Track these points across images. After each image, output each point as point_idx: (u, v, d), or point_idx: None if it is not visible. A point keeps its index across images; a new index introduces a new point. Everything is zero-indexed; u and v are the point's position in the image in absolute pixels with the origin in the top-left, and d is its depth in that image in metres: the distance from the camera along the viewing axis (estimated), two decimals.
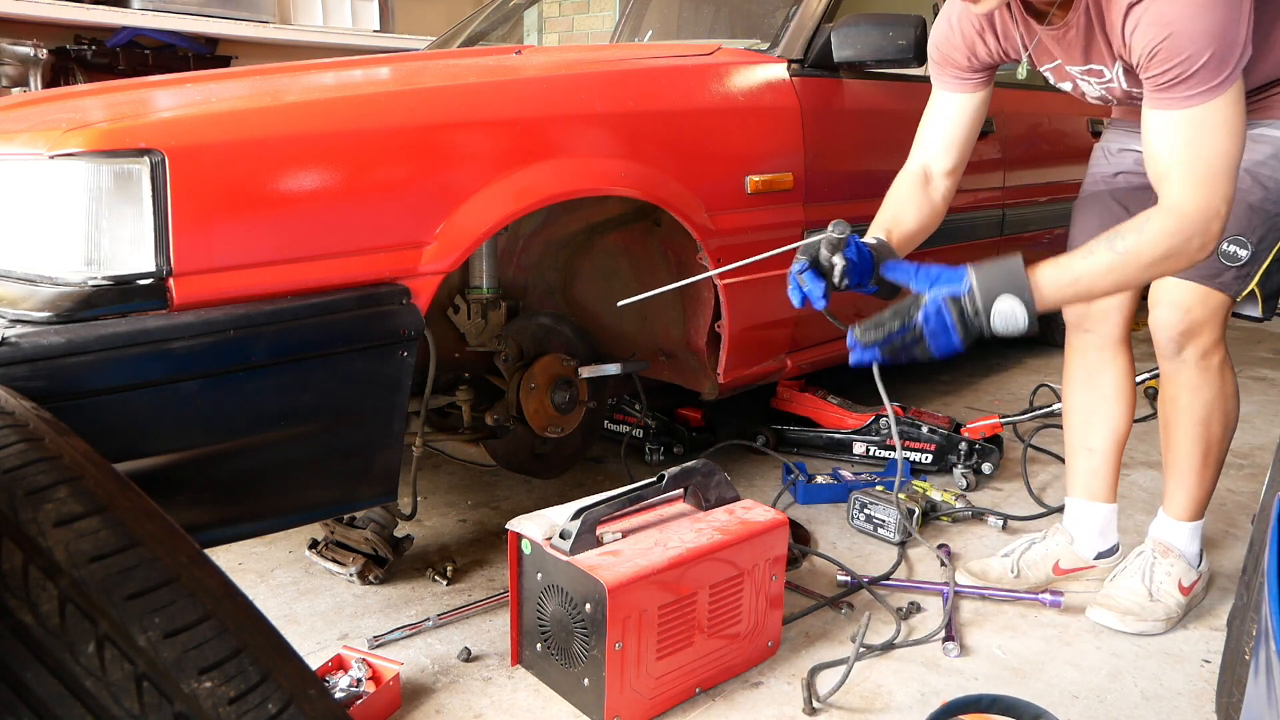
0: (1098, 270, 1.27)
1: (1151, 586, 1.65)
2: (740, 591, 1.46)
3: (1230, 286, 1.51)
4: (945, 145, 1.61)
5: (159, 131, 1.22)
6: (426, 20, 5.04)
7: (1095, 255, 1.28)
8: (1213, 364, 1.56)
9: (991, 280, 1.24)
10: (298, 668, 0.79)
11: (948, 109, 1.61)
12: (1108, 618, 1.64)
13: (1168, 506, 1.70)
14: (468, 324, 1.84)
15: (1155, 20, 1.25)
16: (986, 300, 1.24)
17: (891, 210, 1.57)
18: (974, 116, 1.61)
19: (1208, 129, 1.26)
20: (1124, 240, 1.27)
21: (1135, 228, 1.27)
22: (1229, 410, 1.61)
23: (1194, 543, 1.70)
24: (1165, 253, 1.27)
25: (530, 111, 1.60)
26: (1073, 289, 1.29)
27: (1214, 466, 1.65)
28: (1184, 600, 1.66)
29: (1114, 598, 1.66)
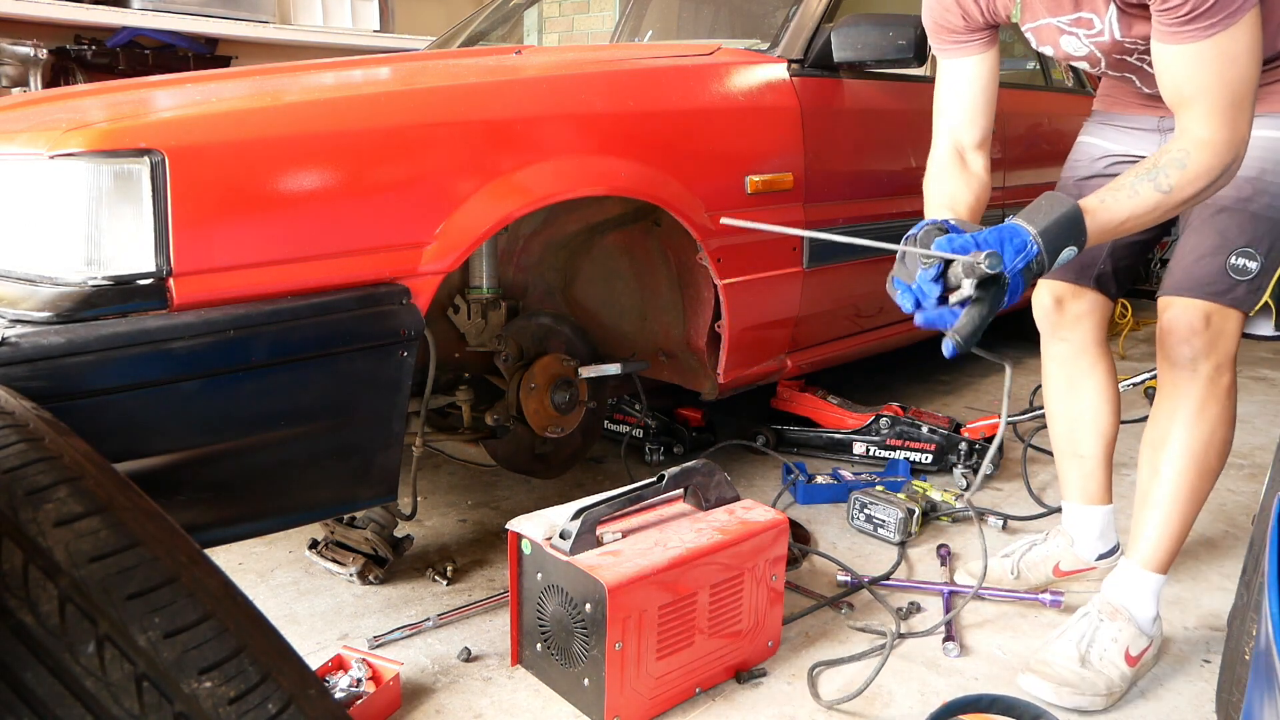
0: (1145, 208, 1.26)
1: (1089, 654, 1.46)
2: (740, 591, 1.46)
3: (1243, 301, 1.43)
4: (969, 116, 1.54)
5: (159, 131, 1.22)
6: (426, 20, 5.04)
7: (1141, 194, 1.26)
8: (1222, 384, 1.45)
9: (1056, 238, 1.21)
10: (298, 668, 0.79)
11: (960, 77, 1.55)
12: (1040, 687, 1.43)
13: (1134, 550, 1.51)
14: (468, 324, 1.84)
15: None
16: (1052, 257, 1.22)
17: (944, 198, 1.49)
18: (988, 79, 1.54)
19: (1230, 57, 1.23)
20: (1167, 177, 1.25)
21: (1176, 163, 1.25)
22: (1228, 439, 1.47)
23: (1152, 603, 1.52)
24: (1205, 186, 1.27)
25: (530, 111, 1.60)
26: (1120, 229, 1.28)
27: (1198, 505, 1.48)
28: (1130, 672, 1.47)
29: (1048, 664, 1.47)
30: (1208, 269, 1.43)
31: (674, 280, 2.03)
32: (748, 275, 1.96)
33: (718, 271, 1.89)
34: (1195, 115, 1.26)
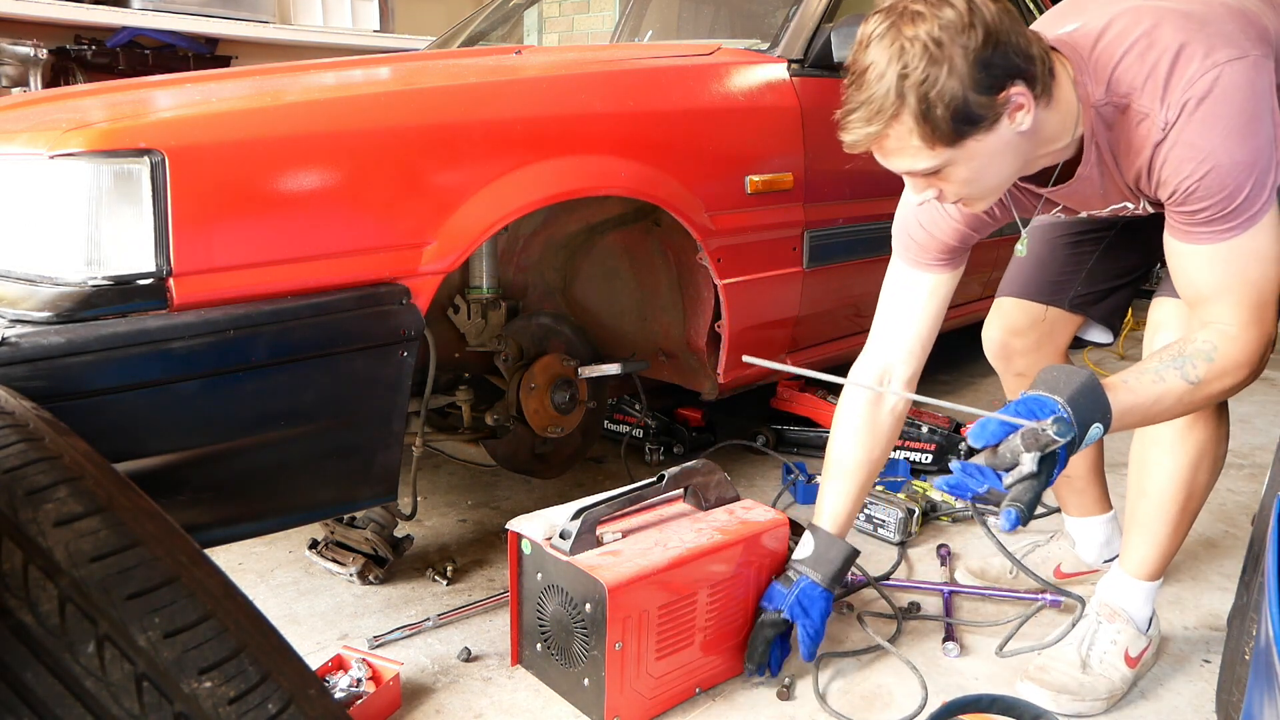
0: (1170, 397, 1.19)
1: (1090, 657, 1.45)
2: (740, 591, 1.46)
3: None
4: (911, 345, 1.48)
5: (159, 131, 1.22)
6: (426, 20, 5.04)
7: (1167, 382, 1.19)
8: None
9: (1086, 412, 1.13)
10: (298, 668, 0.79)
11: (916, 291, 1.46)
12: (1039, 695, 1.41)
13: (1126, 561, 1.49)
14: (468, 324, 1.84)
15: (1188, 155, 1.15)
16: (1083, 433, 1.13)
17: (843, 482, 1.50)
18: (945, 298, 1.47)
19: (1250, 258, 1.18)
20: (1195, 368, 1.19)
21: (1204, 355, 1.19)
22: (1219, 457, 1.42)
23: (1147, 605, 1.49)
24: (1231, 385, 1.22)
25: (530, 111, 1.60)
26: (1144, 414, 1.21)
27: (1189, 520, 1.45)
28: (1130, 673, 1.46)
29: (1046, 671, 1.45)
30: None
31: (674, 280, 2.03)
32: (748, 275, 1.96)
33: (718, 271, 1.89)
34: (1218, 309, 1.21)
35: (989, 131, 1.12)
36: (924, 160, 1.14)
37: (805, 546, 1.48)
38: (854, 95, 1.12)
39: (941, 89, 1.07)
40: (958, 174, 1.16)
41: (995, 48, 1.08)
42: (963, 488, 1.12)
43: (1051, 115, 1.18)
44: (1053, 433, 1.09)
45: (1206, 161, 1.14)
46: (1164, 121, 1.15)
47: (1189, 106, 1.14)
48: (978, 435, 1.13)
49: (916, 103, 1.08)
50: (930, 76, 1.07)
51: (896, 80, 1.07)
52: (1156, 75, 1.15)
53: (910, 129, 1.10)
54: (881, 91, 1.09)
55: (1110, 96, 1.19)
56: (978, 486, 1.12)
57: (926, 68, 1.06)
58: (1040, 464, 1.10)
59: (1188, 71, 1.14)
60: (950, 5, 1.07)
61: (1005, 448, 1.12)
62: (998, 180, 1.20)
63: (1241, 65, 1.13)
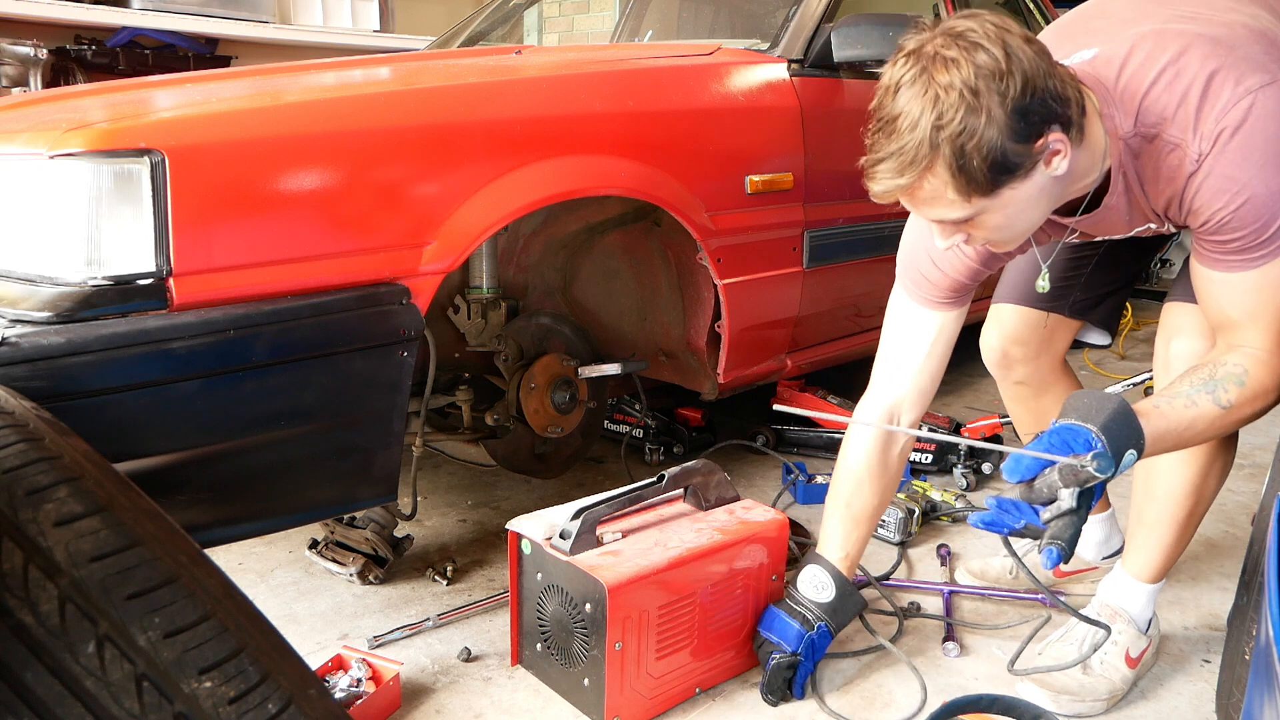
0: (1202, 421, 1.17)
1: (1090, 658, 1.44)
2: (740, 591, 1.46)
3: None
4: (921, 385, 1.44)
5: (159, 131, 1.22)
6: (426, 20, 5.04)
7: (1200, 406, 1.17)
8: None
9: (1119, 440, 1.10)
10: (298, 668, 0.79)
11: (928, 330, 1.42)
12: (1039, 695, 1.41)
13: (1129, 563, 1.48)
14: (468, 324, 1.84)
15: (1224, 186, 1.12)
16: (1117, 459, 1.10)
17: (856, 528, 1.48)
18: (954, 334, 1.43)
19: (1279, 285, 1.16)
20: (1226, 393, 1.17)
21: (1235, 379, 1.17)
22: (1227, 463, 1.40)
23: (1149, 607, 1.49)
24: (1262, 408, 1.20)
25: (530, 111, 1.60)
26: (1176, 439, 1.18)
27: (1195, 525, 1.44)
28: (1130, 674, 1.45)
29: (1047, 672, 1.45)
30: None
31: (674, 280, 2.03)
32: (748, 275, 1.96)
33: (718, 271, 1.89)
34: (1248, 334, 1.19)
35: (1025, 179, 1.08)
36: (957, 211, 1.10)
37: (824, 589, 1.45)
38: (883, 144, 1.08)
39: (980, 140, 1.03)
40: (990, 221, 1.13)
41: (1033, 95, 1.04)
42: (999, 524, 1.10)
43: (1083, 154, 1.15)
44: (1093, 469, 1.06)
45: (1242, 193, 1.11)
46: (1198, 153, 1.13)
47: (1224, 137, 1.11)
48: (1012, 470, 1.10)
49: (952, 154, 1.04)
50: (968, 127, 1.02)
51: (931, 131, 1.03)
52: (1187, 105, 1.12)
53: (945, 181, 1.06)
54: (915, 142, 1.04)
55: (1139, 128, 1.16)
56: (1014, 523, 1.09)
57: (964, 118, 1.02)
58: (1079, 498, 1.08)
59: (1220, 100, 1.11)
60: (984, 49, 1.03)
61: (1042, 482, 1.09)
62: (1029, 224, 1.18)
63: (1273, 91, 1.11)
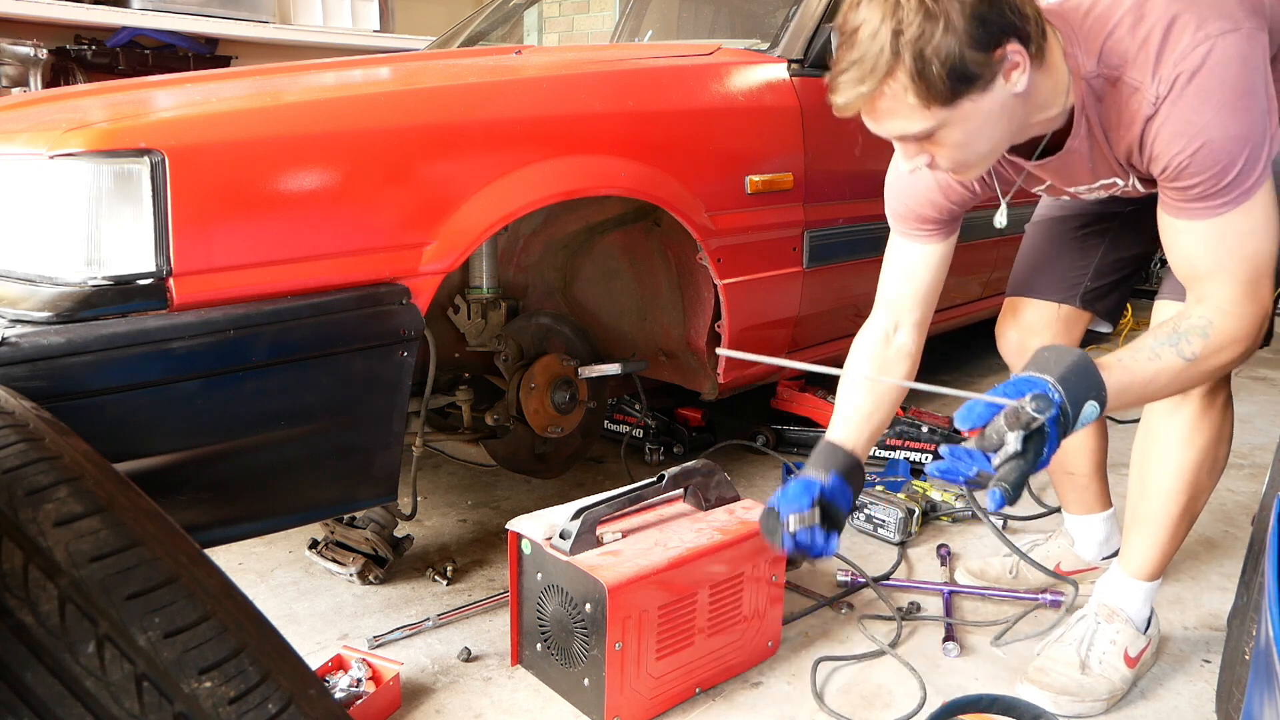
0: (1166, 374, 1.18)
1: (1089, 658, 1.44)
2: (740, 591, 1.46)
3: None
4: (913, 300, 1.46)
5: (159, 131, 1.22)
6: (426, 20, 5.04)
7: (1164, 359, 1.17)
8: (1218, 400, 1.38)
9: (1077, 390, 1.11)
10: (298, 668, 0.79)
11: (910, 260, 1.46)
12: (1039, 696, 1.41)
13: (1125, 561, 1.48)
14: (468, 324, 1.84)
15: (1181, 130, 1.13)
16: (1076, 411, 1.11)
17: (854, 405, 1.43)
18: (941, 264, 1.46)
19: (1245, 234, 1.16)
20: (1190, 345, 1.17)
21: (1199, 330, 1.17)
22: (1221, 457, 1.40)
23: (1146, 605, 1.49)
24: (1229, 360, 1.20)
25: (530, 111, 1.60)
26: (1140, 392, 1.18)
27: (1190, 521, 1.44)
28: (1130, 673, 1.45)
29: (1046, 672, 1.44)
30: None
31: (674, 280, 2.03)
32: (748, 275, 1.96)
33: (718, 271, 1.89)
34: (1214, 285, 1.19)
35: (984, 91, 1.10)
36: (918, 122, 1.11)
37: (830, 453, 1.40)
38: (845, 55, 1.09)
39: (937, 45, 1.04)
40: (951, 137, 1.14)
41: (991, 4, 1.06)
42: (953, 472, 1.10)
43: (1044, 79, 1.16)
44: (1031, 409, 1.06)
45: (1199, 137, 1.12)
46: (1155, 96, 1.14)
47: (1181, 80, 1.12)
48: (964, 418, 1.11)
49: (912, 60, 1.05)
50: (926, 32, 1.04)
51: (891, 37, 1.05)
52: (1148, 48, 1.14)
53: (905, 87, 1.08)
54: (875, 50, 1.06)
55: (1101, 69, 1.18)
56: (967, 470, 1.09)
57: (922, 23, 1.04)
58: (1026, 443, 1.07)
59: (1180, 44, 1.12)
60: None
61: (991, 429, 1.09)
62: (990, 145, 1.18)
63: (1235, 38, 1.11)
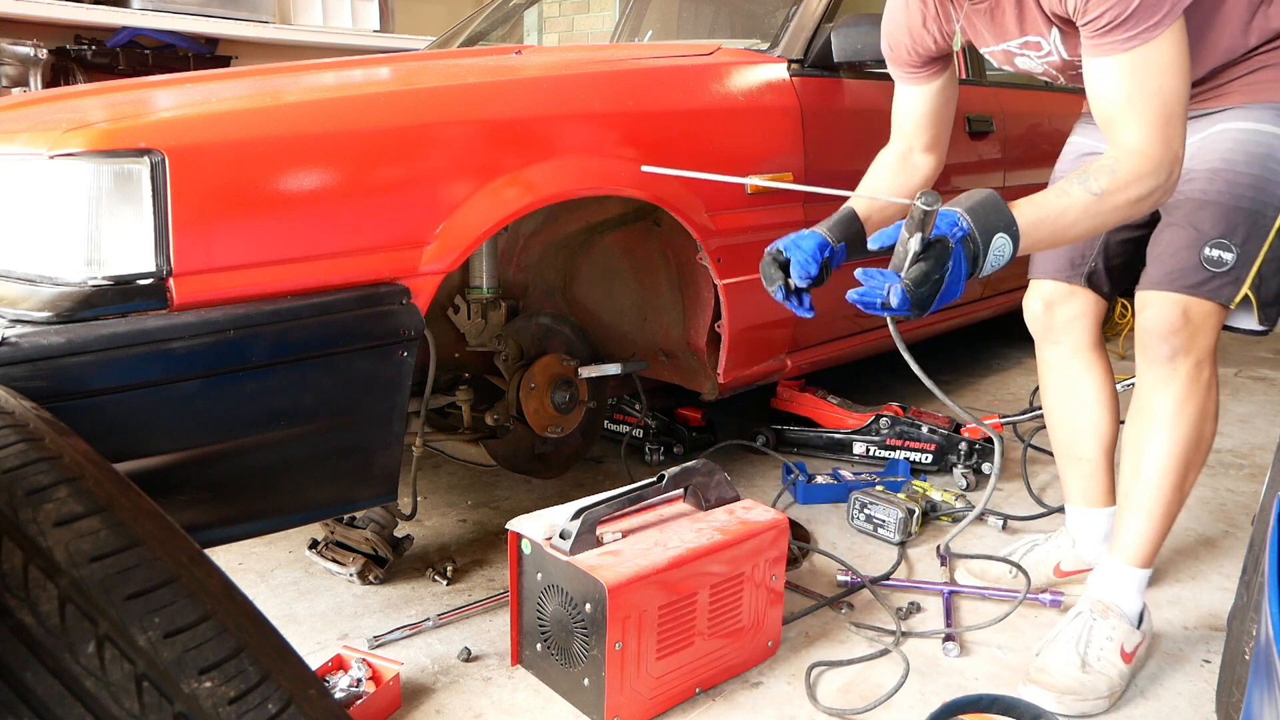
0: (1075, 209, 1.24)
1: (1088, 655, 1.45)
2: (740, 591, 1.46)
3: (1220, 293, 1.41)
4: (918, 127, 1.61)
5: (159, 131, 1.22)
6: (426, 20, 5.04)
7: (1071, 195, 1.25)
8: (1204, 376, 1.44)
9: (985, 220, 1.18)
10: (298, 668, 0.79)
11: (911, 99, 1.62)
12: (1042, 697, 1.42)
13: (1117, 547, 1.52)
14: (468, 324, 1.84)
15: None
16: (985, 240, 1.19)
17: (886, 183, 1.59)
18: (940, 100, 1.60)
19: (1153, 71, 1.24)
20: (1097, 181, 1.24)
21: (1106, 169, 1.25)
22: (1209, 434, 1.46)
23: (1139, 598, 1.52)
24: (1137, 196, 1.25)
25: (530, 111, 1.60)
26: (1052, 227, 1.25)
27: (1181, 500, 1.48)
28: (1127, 669, 1.46)
29: (1047, 672, 1.45)
30: (1182, 262, 1.42)
31: (674, 280, 2.03)
32: (748, 275, 1.96)
33: (718, 271, 1.89)
34: (1124, 127, 1.27)
35: None
36: None
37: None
38: None
39: None
40: None
41: None
42: (869, 295, 1.17)
43: None
44: (921, 205, 1.13)
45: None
46: None
47: None
48: (875, 239, 1.21)
49: None
50: None
51: None
52: None
53: None
54: None
55: None
56: (880, 288, 1.16)
57: None
58: (929, 249, 1.16)
59: None
60: None
61: (898, 245, 1.18)
62: None
63: None
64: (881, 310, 1.18)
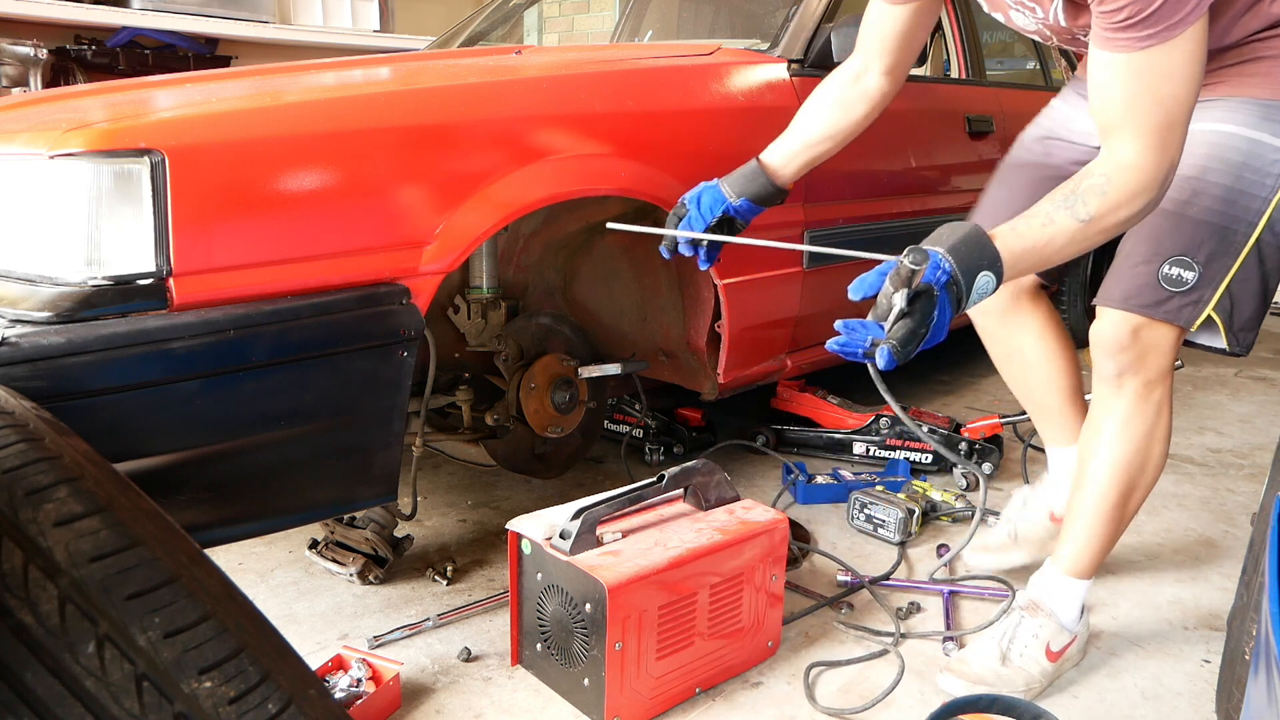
0: (1061, 237, 1.18)
1: (1010, 650, 1.45)
2: (740, 591, 1.46)
3: (1179, 315, 1.34)
4: (885, 46, 1.54)
5: (159, 131, 1.22)
6: (426, 20, 5.04)
7: (1058, 223, 1.17)
8: (1153, 397, 1.39)
9: (968, 259, 1.12)
10: (298, 668, 0.79)
11: (886, 15, 1.52)
12: (956, 686, 1.42)
13: (1057, 556, 1.50)
14: (468, 324, 1.84)
15: None
16: (969, 280, 1.13)
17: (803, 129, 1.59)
18: (917, 22, 1.51)
19: (1164, 74, 1.14)
20: (1086, 205, 1.17)
21: (1097, 189, 1.17)
22: (1156, 456, 1.42)
23: (1075, 604, 1.49)
24: (1128, 216, 1.19)
25: (530, 111, 1.60)
26: (1037, 256, 1.19)
27: (1123, 520, 1.45)
28: (1051, 667, 1.45)
29: (966, 663, 1.46)
30: (1139, 279, 1.35)
31: (674, 280, 2.03)
32: (748, 275, 1.96)
33: (717, 271, 1.89)
34: (1123, 135, 1.18)
35: None
36: None
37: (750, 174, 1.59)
38: None
39: None
40: None
41: None
42: (851, 345, 1.13)
43: None
44: (909, 263, 1.08)
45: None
46: None
47: None
48: (855, 289, 1.14)
49: None
50: None
51: None
52: None
53: None
54: None
55: None
56: (862, 340, 1.12)
57: None
58: (913, 303, 1.10)
59: None
60: None
61: (881, 296, 1.12)
62: None
63: None
64: (863, 359, 1.14)
